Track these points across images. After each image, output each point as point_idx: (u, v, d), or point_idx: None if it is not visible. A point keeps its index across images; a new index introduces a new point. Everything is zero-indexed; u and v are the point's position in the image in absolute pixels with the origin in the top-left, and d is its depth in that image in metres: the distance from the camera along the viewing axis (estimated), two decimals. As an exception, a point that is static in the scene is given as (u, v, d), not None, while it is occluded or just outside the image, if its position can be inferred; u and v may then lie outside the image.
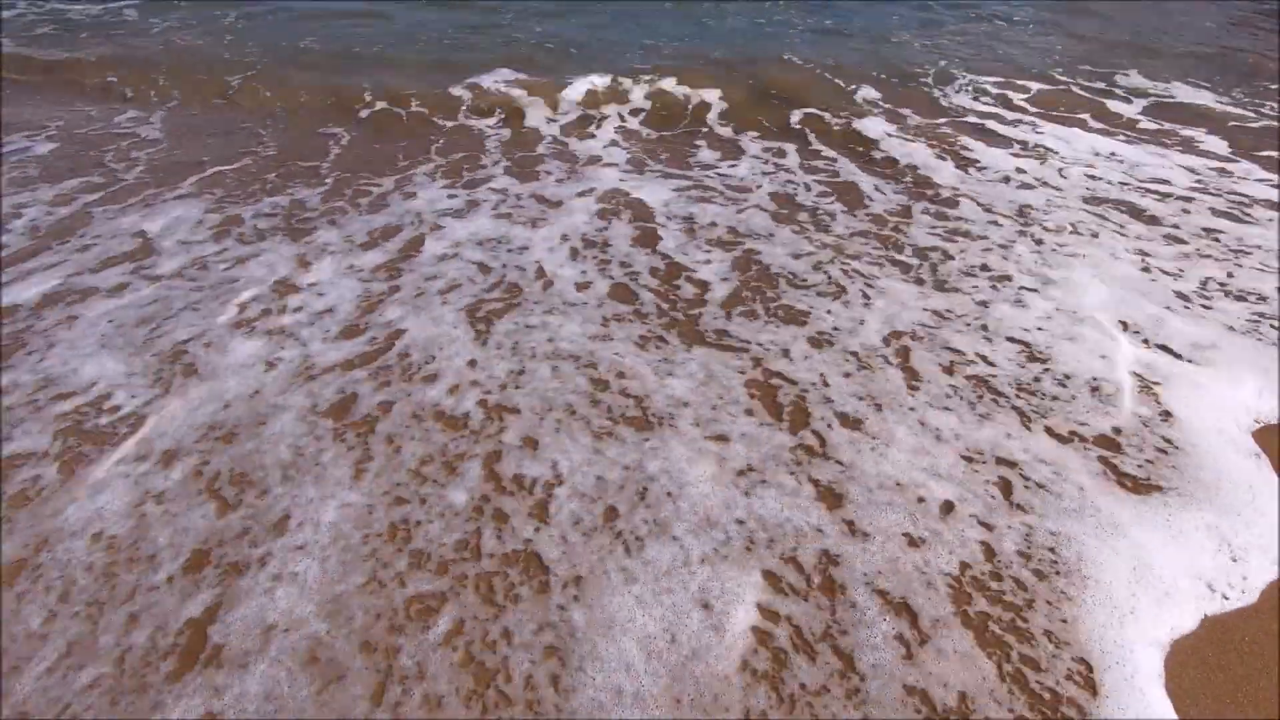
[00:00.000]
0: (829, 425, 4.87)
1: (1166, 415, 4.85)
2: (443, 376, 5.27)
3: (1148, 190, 8.43)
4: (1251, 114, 11.09)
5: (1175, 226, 7.50)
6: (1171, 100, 11.50)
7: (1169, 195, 8.25)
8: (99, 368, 5.34)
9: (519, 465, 4.52)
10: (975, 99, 11.54)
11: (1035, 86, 12.04)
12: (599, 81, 11.83)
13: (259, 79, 11.91)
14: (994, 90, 11.78)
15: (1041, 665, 3.54)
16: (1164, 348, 5.53)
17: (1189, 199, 8.15)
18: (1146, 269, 6.59)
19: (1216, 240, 7.18)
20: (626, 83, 11.82)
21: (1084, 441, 4.78)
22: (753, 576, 3.91)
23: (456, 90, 11.59)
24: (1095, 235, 7.31)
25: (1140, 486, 4.48)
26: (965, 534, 4.18)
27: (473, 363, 5.42)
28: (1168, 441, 4.74)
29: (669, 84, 11.86)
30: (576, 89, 11.60)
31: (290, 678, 3.43)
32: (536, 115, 10.93)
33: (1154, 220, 7.66)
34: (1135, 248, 7.09)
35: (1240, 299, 6.07)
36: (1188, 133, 10.22)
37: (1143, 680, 3.49)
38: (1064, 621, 3.72)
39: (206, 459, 4.54)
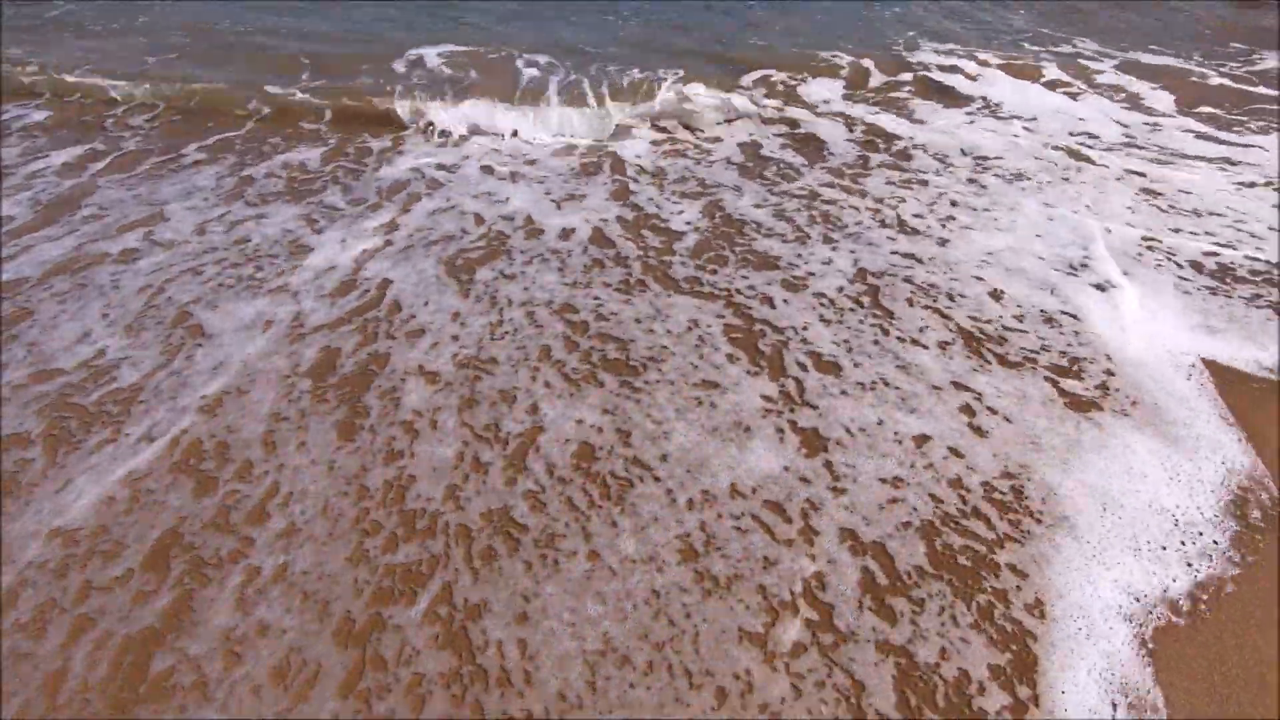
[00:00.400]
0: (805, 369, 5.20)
1: (1103, 340, 5.27)
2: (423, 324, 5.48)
3: (1089, 142, 8.70)
4: (1211, 73, 11.33)
5: (1107, 169, 7.85)
6: (1135, 61, 11.71)
7: (1109, 146, 8.52)
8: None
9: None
10: (939, 61, 11.33)
11: (998, 54, 11.81)
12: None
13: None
14: (960, 55, 11.59)
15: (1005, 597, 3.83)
16: (1098, 287, 5.84)
17: (1123, 148, 8.47)
18: (1083, 211, 6.93)
19: (1147, 183, 7.54)
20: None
21: (1037, 366, 5.10)
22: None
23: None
24: (1040, 183, 7.54)
25: (1085, 404, 4.83)
26: (937, 465, 4.43)
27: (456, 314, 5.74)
28: (1109, 360, 5.12)
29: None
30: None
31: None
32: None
33: (1091, 165, 7.96)
34: (1075, 193, 7.38)
35: (1157, 241, 6.47)
36: (1137, 89, 10.37)
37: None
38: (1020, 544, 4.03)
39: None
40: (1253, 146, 8.59)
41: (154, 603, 3.70)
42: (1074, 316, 5.65)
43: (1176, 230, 6.74)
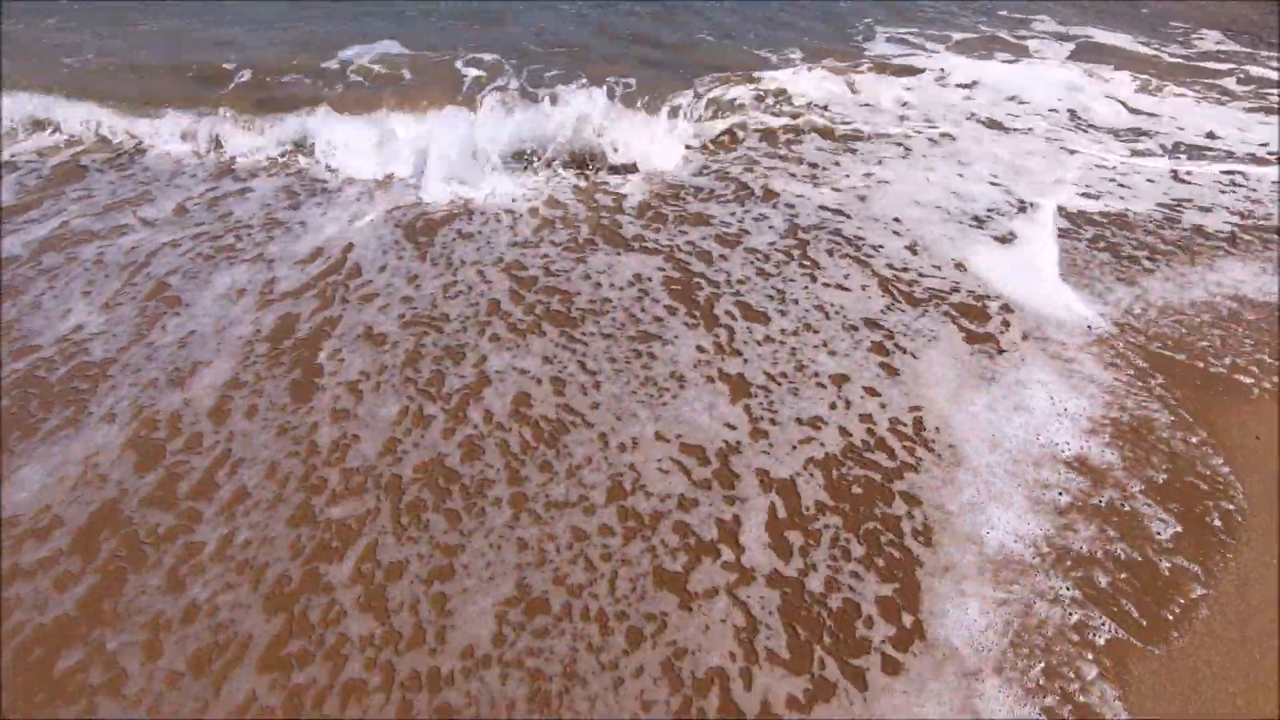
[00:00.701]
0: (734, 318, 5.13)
1: (1001, 286, 5.42)
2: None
3: (1015, 111, 8.85)
4: (1164, 54, 11.14)
5: (1029, 134, 8.12)
6: (1089, 40, 11.38)
7: (1035, 114, 8.71)
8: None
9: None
10: (893, 45, 10.75)
11: (956, 35, 11.30)
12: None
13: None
14: (913, 38, 11.06)
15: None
16: (1000, 239, 6.01)
17: (1047, 115, 8.66)
18: (995, 174, 7.18)
19: (1060, 147, 7.82)
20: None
21: (943, 309, 5.14)
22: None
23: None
24: (963, 146, 7.70)
25: (983, 339, 4.84)
26: (854, 404, 4.36)
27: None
28: (1005, 305, 5.19)
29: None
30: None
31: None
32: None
33: (1012, 132, 8.15)
34: (991, 153, 7.53)
35: (1059, 200, 6.76)
36: (1087, 65, 10.18)
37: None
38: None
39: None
40: (1160, 116, 8.68)
41: (75, 589, 3.30)
42: (967, 266, 5.62)
43: (1085, 193, 6.83)
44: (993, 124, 8.34)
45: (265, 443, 4.04)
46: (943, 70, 9.77)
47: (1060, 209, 6.54)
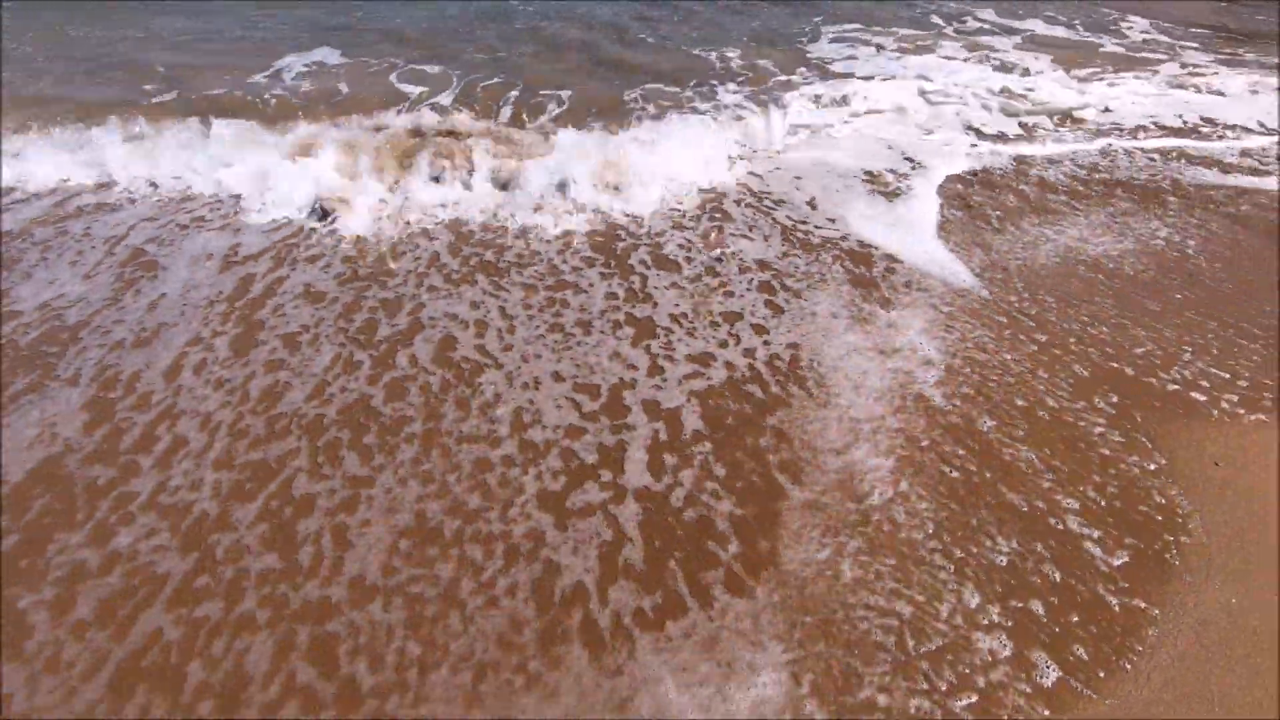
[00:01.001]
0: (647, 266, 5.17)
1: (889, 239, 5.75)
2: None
3: (930, 91, 8.87)
4: (1099, 42, 10.73)
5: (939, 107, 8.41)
6: (1028, 32, 10.88)
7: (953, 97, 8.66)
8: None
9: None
10: (836, 45, 10.08)
11: (902, 30, 10.68)
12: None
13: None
14: (856, 35, 10.45)
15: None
16: (887, 194, 6.47)
17: (958, 99, 8.71)
18: (900, 143, 7.68)
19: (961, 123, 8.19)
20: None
21: (833, 256, 5.33)
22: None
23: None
24: (885, 120, 8.01)
25: (867, 284, 5.01)
26: (743, 340, 4.46)
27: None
28: (890, 256, 5.44)
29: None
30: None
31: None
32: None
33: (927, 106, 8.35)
34: (901, 129, 7.98)
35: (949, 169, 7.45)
36: (1014, 57, 9.80)
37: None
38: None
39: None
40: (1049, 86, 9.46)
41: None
42: (853, 221, 5.92)
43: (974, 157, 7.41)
44: (900, 111, 8.25)
45: (204, 395, 3.97)
46: (886, 61, 9.67)
47: (948, 175, 6.69)
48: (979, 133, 7.64)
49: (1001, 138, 7.53)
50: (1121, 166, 6.93)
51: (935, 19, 11.39)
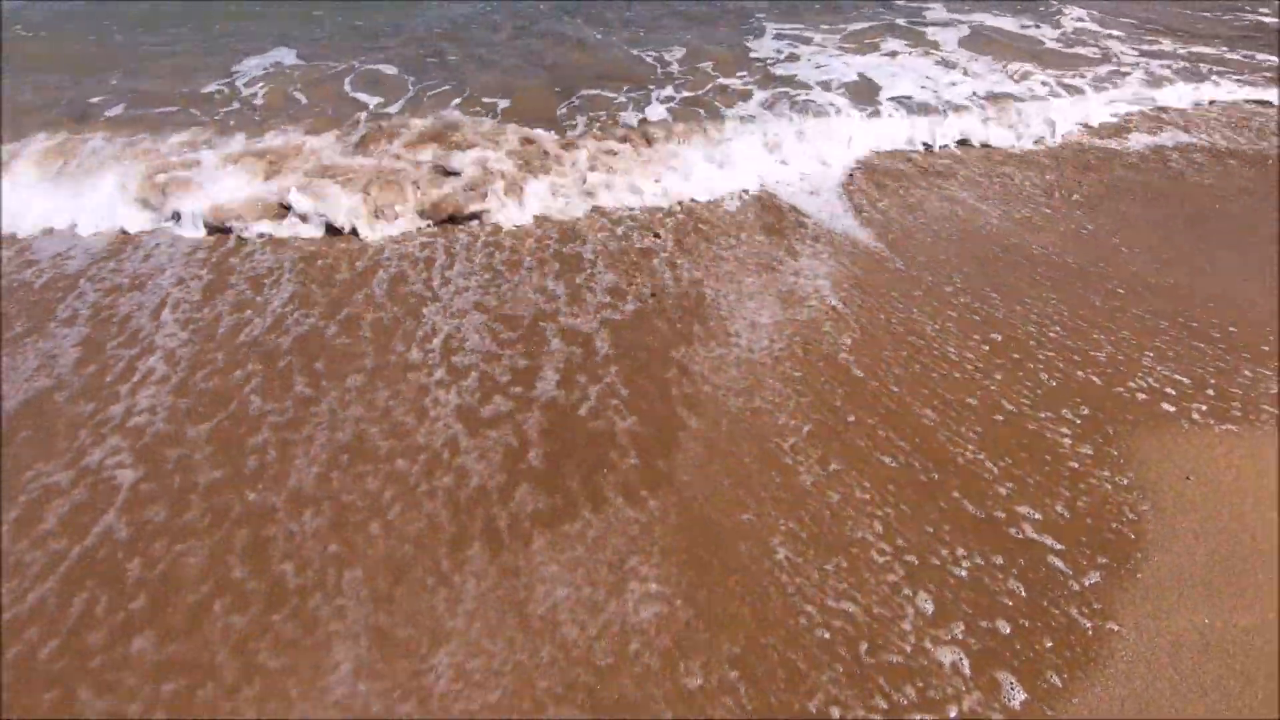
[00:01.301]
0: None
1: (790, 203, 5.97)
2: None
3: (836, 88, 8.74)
4: (1042, 35, 9.50)
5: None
6: (976, 25, 9.57)
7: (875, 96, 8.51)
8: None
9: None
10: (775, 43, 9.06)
11: (849, 26, 9.47)
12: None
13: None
14: (800, 32, 9.35)
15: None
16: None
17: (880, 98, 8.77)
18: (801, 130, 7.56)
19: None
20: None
21: (749, 224, 5.69)
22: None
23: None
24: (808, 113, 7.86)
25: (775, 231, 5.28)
26: (657, 271, 4.68)
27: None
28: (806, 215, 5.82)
29: None
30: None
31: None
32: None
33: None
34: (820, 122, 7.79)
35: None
36: (956, 54, 8.66)
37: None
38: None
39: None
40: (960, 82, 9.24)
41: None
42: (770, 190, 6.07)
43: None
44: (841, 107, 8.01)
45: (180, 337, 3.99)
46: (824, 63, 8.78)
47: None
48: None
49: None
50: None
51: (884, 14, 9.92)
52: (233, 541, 2.92)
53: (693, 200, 5.49)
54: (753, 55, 8.34)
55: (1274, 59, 8.49)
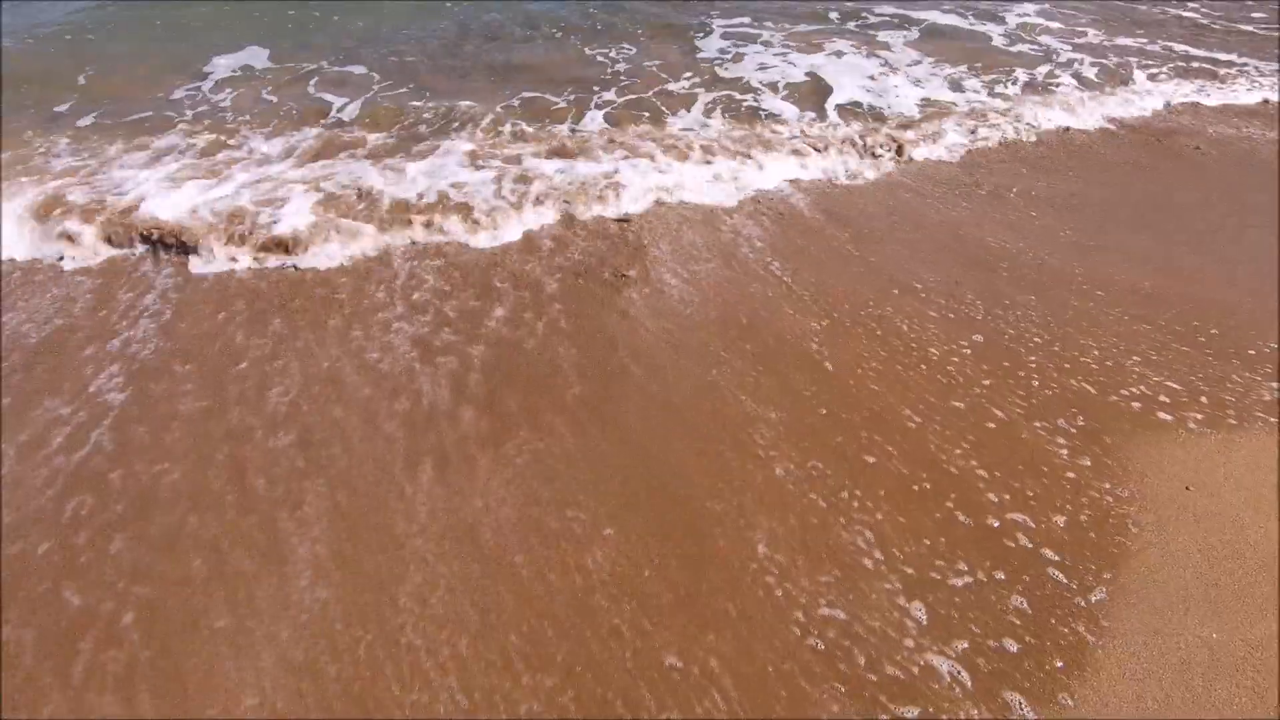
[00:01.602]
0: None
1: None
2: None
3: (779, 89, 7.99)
4: (992, 33, 9.32)
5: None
6: (927, 23, 9.46)
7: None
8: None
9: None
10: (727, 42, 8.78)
11: (800, 26, 9.27)
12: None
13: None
14: (749, 30, 9.14)
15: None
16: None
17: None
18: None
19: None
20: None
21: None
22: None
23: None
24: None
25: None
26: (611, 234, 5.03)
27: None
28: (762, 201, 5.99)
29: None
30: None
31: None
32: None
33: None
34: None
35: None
36: (916, 53, 8.62)
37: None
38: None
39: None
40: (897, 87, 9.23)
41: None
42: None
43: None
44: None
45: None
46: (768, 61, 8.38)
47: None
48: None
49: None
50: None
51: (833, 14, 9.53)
52: (215, 458, 3.47)
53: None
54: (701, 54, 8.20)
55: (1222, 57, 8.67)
